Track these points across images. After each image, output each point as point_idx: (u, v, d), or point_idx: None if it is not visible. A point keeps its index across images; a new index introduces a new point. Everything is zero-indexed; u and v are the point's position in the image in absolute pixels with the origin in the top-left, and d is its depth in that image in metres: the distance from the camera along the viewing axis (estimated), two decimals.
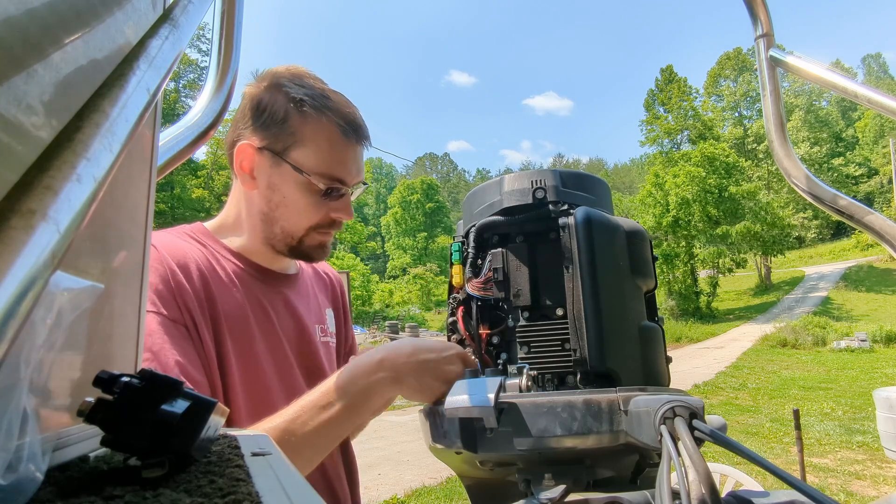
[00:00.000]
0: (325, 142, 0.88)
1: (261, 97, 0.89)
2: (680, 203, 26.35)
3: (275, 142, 0.88)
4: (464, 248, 0.76)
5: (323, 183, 0.88)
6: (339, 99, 0.92)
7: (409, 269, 43.53)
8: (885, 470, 5.21)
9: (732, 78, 42.92)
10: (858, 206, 0.81)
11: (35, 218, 0.17)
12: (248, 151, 0.89)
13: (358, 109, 0.94)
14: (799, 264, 40.65)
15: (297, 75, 0.91)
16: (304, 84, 0.90)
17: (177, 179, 28.25)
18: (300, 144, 0.87)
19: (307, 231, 0.91)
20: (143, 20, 0.38)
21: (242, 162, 0.89)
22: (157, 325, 0.75)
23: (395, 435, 6.99)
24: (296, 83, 0.89)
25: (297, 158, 0.87)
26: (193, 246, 0.88)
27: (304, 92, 0.88)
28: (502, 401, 0.58)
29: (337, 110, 0.89)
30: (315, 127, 0.88)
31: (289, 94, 0.88)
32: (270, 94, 0.88)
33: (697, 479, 0.38)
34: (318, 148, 0.88)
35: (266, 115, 0.88)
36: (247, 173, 0.90)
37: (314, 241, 0.93)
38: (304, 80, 0.91)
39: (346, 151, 0.90)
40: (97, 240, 0.35)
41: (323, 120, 0.88)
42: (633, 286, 0.69)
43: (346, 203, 0.93)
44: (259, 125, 0.89)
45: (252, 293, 0.90)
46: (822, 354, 14.62)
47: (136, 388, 0.30)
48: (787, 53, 0.88)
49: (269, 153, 0.88)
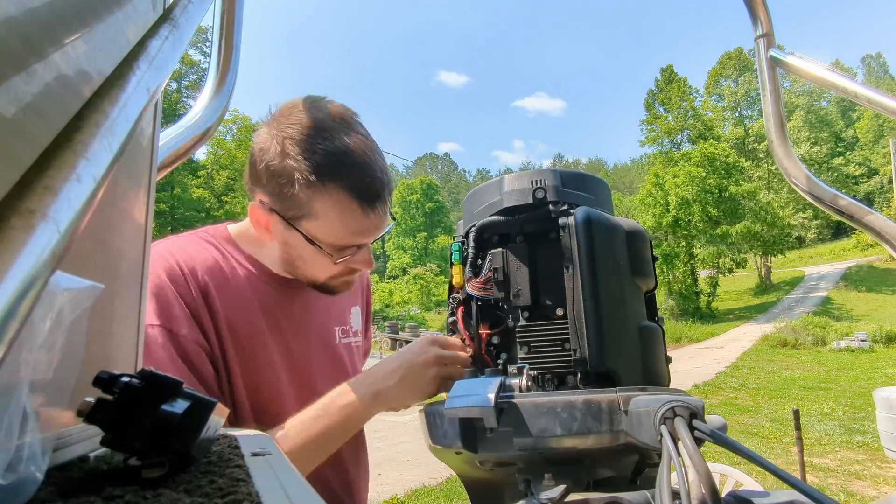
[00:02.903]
0: (338, 217, 0.80)
1: (269, 160, 0.79)
2: (680, 203, 26.34)
3: (285, 210, 0.81)
4: (464, 248, 0.76)
5: (337, 253, 0.84)
6: (356, 158, 0.80)
7: (409, 269, 43.54)
8: (885, 470, 5.21)
9: (734, 78, 42.92)
10: (858, 206, 0.81)
11: (35, 218, 0.17)
12: (260, 211, 0.84)
13: (378, 161, 0.83)
14: (799, 264, 40.64)
15: (310, 129, 0.79)
16: (314, 146, 0.78)
17: (177, 179, 28.24)
18: (311, 218, 0.80)
19: (327, 279, 0.90)
20: (143, 20, 0.38)
21: (258, 218, 0.85)
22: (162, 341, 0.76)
23: (395, 435, 6.99)
24: (304, 147, 0.78)
25: (310, 230, 0.81)
26: (209, 252, 0.88)
27: (314, 160, 0.77)
28: (502, 401, 0.58)
29: (351, 178, 0.79)
30: (325, 201, 0.79)
31: (295, 164, 0.78)
32: (278, 159, 0.79)
33: (697, 479, 0.38)
34: (331, 222, 0.80)
35: (274, 183, 0.80)
36: (262, 227, 0.86)
37: (337, 282, 0.91)
38: (317, 136, 0.79)
39: (361, 221, 0.82)
40: (97, 240, 0.35)
41: (333, 192, 0.79)
42: (633, 286, 0.69)
43: (364, 256, 0.88)
44: (269, 190, 0.81)
45: (265, 300, 0.90)
46: (822, 354, 14.61)
47: (136, 388, 0.30)
48: (787, 53, 0.88)
49: (279, 217, 0.82)
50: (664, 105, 34.50)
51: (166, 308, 0.78)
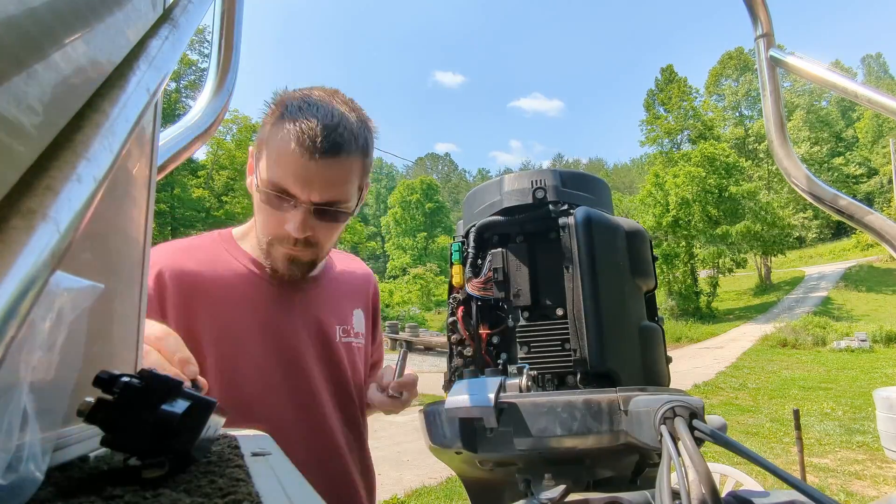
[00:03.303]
0: (276, 151, 0.86)
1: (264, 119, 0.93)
2: (680, 203, 26.33)
3: (255, 152, 0.93)
4: (464, 248, 0.76)
5: (267, 191, 0.87)
6: (319, 110, 0.85)
7: (409, 269, 43.52)
8: (885, 470, 5.21)
9: (734, 77, 42.90)
10: (858, 206, 0.81)
11: (35, 218, 0.17)
12: (249, 160, 0.96)
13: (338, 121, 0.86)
14: (799, 264, 40.62)
15: (301, 95, 0.90)
16: (293, 100, 0.88)
17: (177, 179, 28.22)
18: (263, 153, 0.89)
19: (270, 242, 0.93)
20: (143, 20, 0.38)
21: (250, 172, 0.96)
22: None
23: (395, 435, 6.99)
24: (297, 95, 0.90)
25: (260, 166, 0.90)
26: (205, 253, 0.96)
27: (289, 101, 0.88)
28: (502, 401, 0.58)
29: (303, 121, 0.83)
30: (275, 137, 0.86)
31: (276, 110, 0.89)
32: (268, 114, 0.92)
33: (697, 479, 0.38)
34: (270, 157, 0.87)
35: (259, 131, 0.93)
36: (251, 187, 0.95)
37: (278, 252, 0.93)
38: (311, 93, 0.90)
39: (297, 164, 0.84)
40: (97, 240, 0.35)
41: (285, 129, 0.85)
42: (633, 286, 0.69)
43: (295, 217, 0.87)
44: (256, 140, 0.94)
45: (264, 297, 0.95)
46: (822, 354, 14.60)
47: (136, 388, 0.30)
48: (787, 53, 0.88)
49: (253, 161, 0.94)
50: (664, 105, 34.48)
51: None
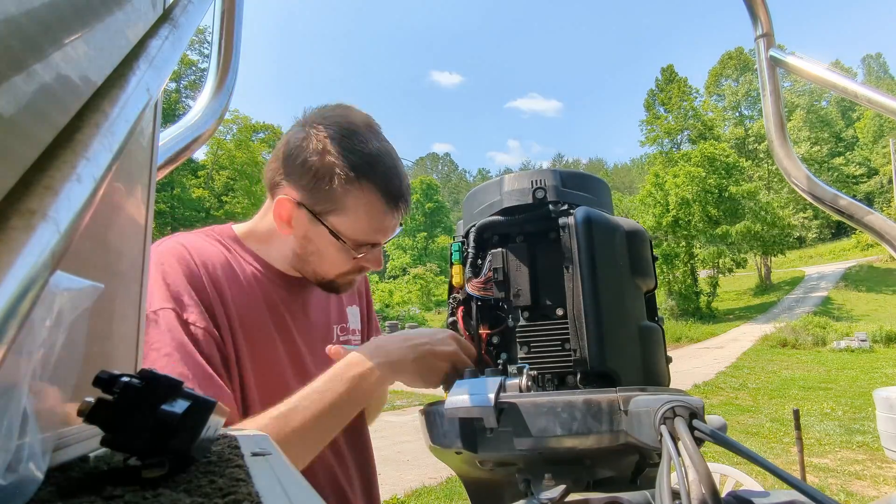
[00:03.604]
0: (366, 213, 0.86)
1: (307, 155, 0.85)
2: (680, 203, 26.33)
3: (315, 203, 0.86)
4: (464, 248, 0.76)
5: (358, 249, 0.89)
6: (387, 161, 0.88)
7: (409, 269, 43.53)
8: (885, 470, 5.21)
9: (734, 77, 42.90)
10: (858, 206, 0.81)
11: (35, 218, 0.17)
12: (286, 205, 0.88)
13: (401, 166, 0.91)
14: (799, 264, 40.62)
15: (349, 131, 0.86)
16: (352, 147, 0.85)
17: (177, 179, 28.24)
18: (340, 212, 0.86)
19: (336, 276, 0.94)
20: (143, 20, 0.38)
21: (281, 212, 0.88)
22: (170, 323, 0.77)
23: (395, 435, 6.99)
24: (344, 146, 0.85)
25: (336, 224, 0.86)
26: (218, 249, 0.91)
27: (352, 159, 0.84)
28: (502, 401, 0.58)
29: (382, 177, 0.86)
30: (357, 197, 0.85)
31: (335, 161, 0.84)
32: (318, 156, 0.85)
33: (697, 479, 0.38)
34: (358, 218, 0.86)
35: (310, 177, 0.85)
36: (284, 221, 0.89)
37: (344, 280, 0.95)
38: (354, 138, 0.86)
39: (384, 220, 0.89)
40: (97, 240, 0.35)
41: (366, 190, 0.85)
42: (633, 286, 0.69)
43: (376, 255, 0.93)
44: (301, 184, 0.86)
45: (271, 298, 0.92)
46: (822, 354, 14.61)
47: (136, 388, 0.30)
48: (787, 53, 0.88)
49: (307, 211, 0.87)
50: (664, 105, 34.49)
51: (177, 295, 0.80)
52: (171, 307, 0.78)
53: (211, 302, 0.82)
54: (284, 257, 0.94)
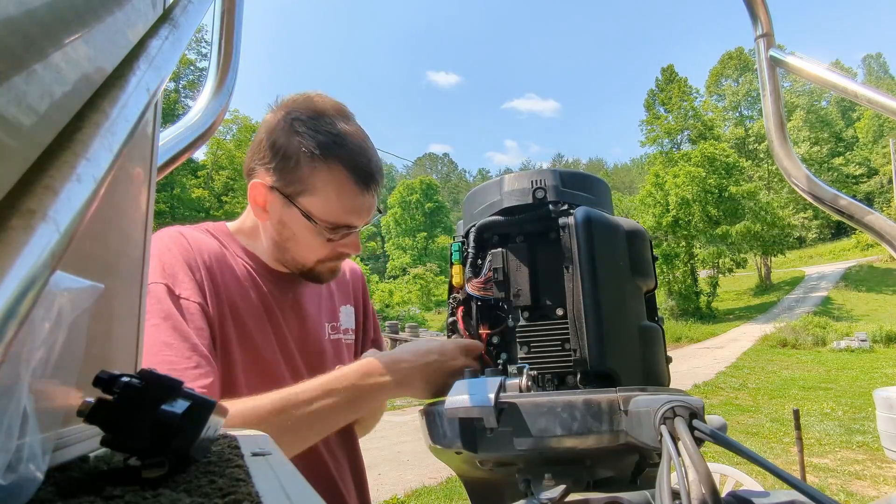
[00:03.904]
0: (335, 192, 0.87)
1: (275, 137, 0.87)
2: (680, 203, 26.33)
3: (285, 185, 0.87)
4: (464, 248, 0.76)
5: (331, 231, 0.89)
6: (355, 141, 0.88)
7: (408, 269, 43.52)
8: (885, 470, 5.21)
9: (734, 77, 42.89)
10: (858, 206, 0.81)
11: (35, 218, 0.17)
12: (260, 189, 0.89)
13: (372, 148, 0.91)
14: (799, 264, 40.61)
15: (316, 113, 0.88)
16: (318, 127, 0.86)
17: (177, 179, 28.24)
18: (310, 192, 0.87)
19: (316, 262, 0.94)
20: (143, 20, 0.38)
21: (256, 197, 0.90)
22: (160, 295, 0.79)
23: (395, 435, 6.99)
24: (310, 126, 0.86)
25: (307, 205, 0.87)
26: (214, 242, 0.93)
27: (318, 138, 0.85)
28: (502, 401, 0.58)
29: (350, 157, 0.87)
30: (325, 177, 0.86)
31: (301, 140, 0.85)
32: (285, 137, 0.87)
33: (697, 479, 0.38)
34: (327, 198, 0.87)
35: (279, 159, 0.87)
36: (259, 207, 0.90)
37: (324, 268, 0.96)
38: (321, 119, 0.87)
39: (356, 200, 0.89)
40: (97, 240, 0.35)
41: (334, 169, 0.86)
42: (633, 286, 0.69)
43: (353, 240, 0.94)
44: (272, 167, 0.88)
45: (262, 292, 0.93)
46: (822, 354, 14.60)
47: (136, 388, 0.30)
48: (787, 53, 0.88)
49: (279, 194, 0.88)
50: (664, 105, 34.48)
51: (172, 272, 0.82)
52: (164, 282, 0.80)
53: (205, 285, 0.84)
54: (268, 250, 0.96)
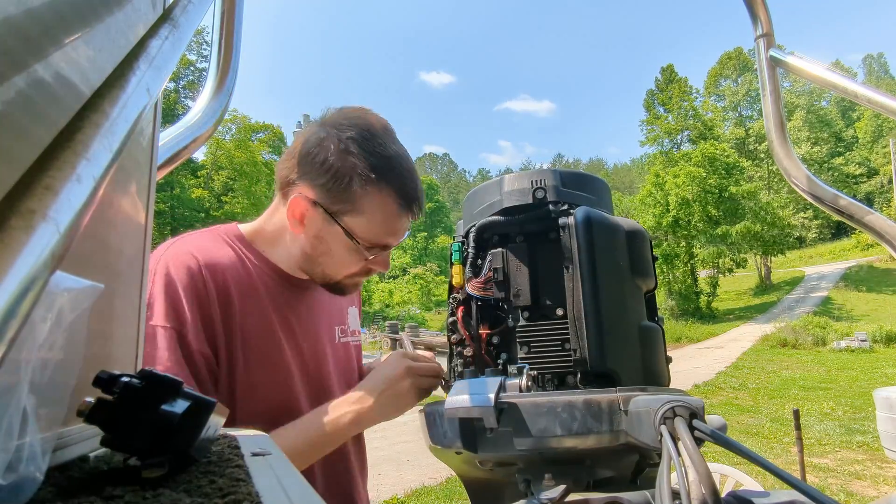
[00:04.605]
0: (382, 215, 0.87)
1: (326, 156, 0.85)
2: (680, 203, 26.32)
3: (331, 203, 0.87)
4: (464, 248, 0.76)
5: (371, 250, 0.90)
6: (405, 165, 0.89)
7: (409, 269, 43.52)
8: (885, 470, 5.21)
9: (734, 78, 42.90)
10: (858, 206, 0.81)
11: (35, 218, 0.17)
12: (301, 203, 0.88)
13: (416, 170, 0.92)
14: (799, 264, 40.62)
15: (368, 133, 0.87)
16: (372, 149, 0.86)
17: (177, 179, 28.24)
18: (356, 213, 0.86)
19: (344, 277, 0.94)
20: (143, 20, 0.38)
21: (295, 210, 0.89)
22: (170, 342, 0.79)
23: (395, 435, 6.99)
24: (364, 147, 0.85)
25: (351, 224, 0.87)
26: (226, 250, 0.91)
27: (371, 161, 0.85)
28: (502, 401, 0.58)
29: (400, 182, 0.87)
30: (375, 199, 0.86)
31: (357, 162, 0.84)
32: (337, 156, 0.85)
33: (697, 479, 0.38)
34: (373, 219, 0.87)
35: (328, 177, 0.85)
36: (297, 220, 0.89)
37: (350, 282, 0.96)
38: (373, 140, 0.86)
39: (398, 222, 0.89)
40: (97, 240, 0.35)
41: (383, 192, 0.86)
42: (633, 286, 0.69)
43: (385, 258, 0.94)
44: (320, 183, 0.86)
45: (276, 300, 0.93)
46: (822, 354, 14.59)
47: (135, 388, 0.30)
48: (787, 53, 0.88)
49: (323, 210, 0.87)
50: (664, 105, 34.48)
51: (178, 310, 0.81)
52: (171, 326, 0.79)
53: (212, 314, 0.83)
54: (291, 258, 0.94)
